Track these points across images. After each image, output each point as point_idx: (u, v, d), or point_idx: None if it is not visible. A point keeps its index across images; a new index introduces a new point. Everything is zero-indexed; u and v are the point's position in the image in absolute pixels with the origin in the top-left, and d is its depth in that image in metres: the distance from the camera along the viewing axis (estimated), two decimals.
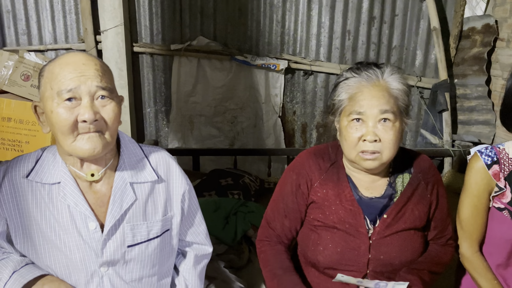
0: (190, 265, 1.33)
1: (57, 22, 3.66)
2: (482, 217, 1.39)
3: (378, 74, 1.27)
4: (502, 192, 1.34)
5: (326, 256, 1.30)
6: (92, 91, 1.05)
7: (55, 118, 1.04)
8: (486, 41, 3.28)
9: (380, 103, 1.22)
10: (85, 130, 1.04)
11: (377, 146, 1.22)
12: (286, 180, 1.39)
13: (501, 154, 1.35)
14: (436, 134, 3.44)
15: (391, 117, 1.23)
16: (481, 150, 1.38)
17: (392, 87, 1.26)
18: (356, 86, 1.27)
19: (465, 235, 1.41)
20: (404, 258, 1.30)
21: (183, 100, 3.73)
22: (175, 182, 1.25)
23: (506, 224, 1.34)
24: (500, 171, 1.34)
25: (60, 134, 1.05)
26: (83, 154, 1.06)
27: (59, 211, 1.11)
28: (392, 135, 1.22)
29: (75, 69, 1.04)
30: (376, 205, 1.31)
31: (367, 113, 1.23)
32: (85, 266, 1.12)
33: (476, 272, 1.39)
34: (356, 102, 1.25)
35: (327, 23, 3.59)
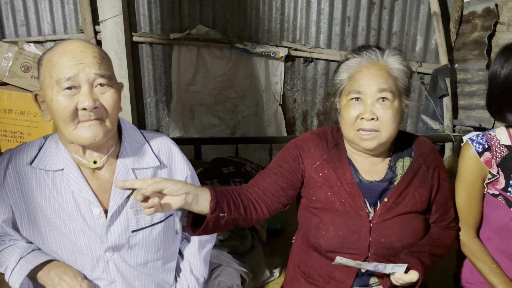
0: (195, 249, 1.35)
1: (56, 12, 3.65)
2: (477, 204, 1.40)
3: (378, 55, 1.27)
4: (496, 179, 1.35)
5: (328, 239, 1.31)
6: (91, 79, 1.05)
7: (56, 107, 1.04)
8: (486, 25, 3.27)
9: (379, 82, 1.23)
10: (86, 117, 1.05)
11: (375, 124, 1.22)
12: (286, 150, 1.38)
13: (492, 140, 1.36)
14: (436, 120, 3.44)
15: (390, 96, 1.23)
16: (472, 137, 1.38)
17: (391, 67, 1.26)
18: (356, 66, 1.27)
19: (462, 221, 1.42)
20: (405, 241, 1.31)
21: (184, 89, 3.73)
22: (177, 167, 1.26)
23: (501, 210, 1.35)
24: (492, 158, 1.34)
25: (61, 122, 1.06)
26: (84, 142, 1.07)
27: (63, 198, 1.13)
28: (390, 114, 1.23)
29: (73, 57, 1.05)
30: (376, 189, 1.32)
31: (366, 91, 1.23)
32: (90, 251, 1.14)
33: (474, 257, 1.41)
34: (355, 82, 1.26)
35: (326, 10, 3.58)
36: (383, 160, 1.35)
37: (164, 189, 1.01)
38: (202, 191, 1.10)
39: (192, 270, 1.34)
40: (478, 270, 1.41)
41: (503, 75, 1.28)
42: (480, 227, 1.43)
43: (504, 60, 1.29)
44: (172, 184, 1.01)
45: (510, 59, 1.27)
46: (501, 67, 1.29)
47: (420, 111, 3.69)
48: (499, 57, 1.32)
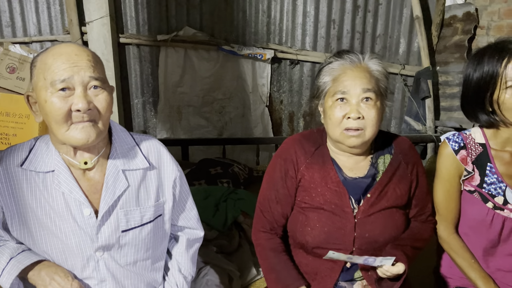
0: (183, 248, 1.38)
1: (42, 13, 3.62)
2: (455, 201, 1.45)
3: (359, 58, 1.35)
4: (471, 176, 1.41)
5: (314, 236, 1.35)
6: (85, 81, 1.08)
7: (49, 108, 1.06)
8: (467, 28, 3.36)
9: (363, 82, 1.30)
10: (79, 119, 1.07)
11: (361, 123, 1.29)
12: (274, 167, 1.44)
13: (467, 139, 1.42)
14: (419, 121, 3.52)
15: (373, 96, 1.30)
16: (449, 137, 1.44)
17: (372, 69, 1.34)
18: (340, 68, 1.34)
19: (441, 218, 1.48)
20: (387, 235, 1.36)
21: (171, 90, 3.74)
22: (166, 169, 1.29)
23: (477, 206, 1.41)
24: (467, 156, 1.40)
25: (54, 124, 1.08)
26: (77, 143, 1.09)
27: (54, 198, 1.15)
28: (374, 113, 1.29)
29: (68, 60, 1.07)
30: (360, 185, 1.37)
31: (351, 92, 1.29)
32: (81, 251, 1.16)
33: (453, 252, 1.46)
34: (340, 83, 1.32)
35: (312, 13, 3.63)
36: (365, 157, 1.41)
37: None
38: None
39: (180, 269, 1.36)
40: (457, 265, 1.47)
41: (476, 77, 1.33)
42: (458, 223, 1.49)
43: (477, 64, 1.33)
44: None
45: (482, 63, 1.32)
46: (473, 70, 1.34)
47: (404, 112, 3.77)
48: (472, 61, 1.37)
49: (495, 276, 1.44)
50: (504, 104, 1.28)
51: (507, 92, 1.26)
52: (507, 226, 1.39)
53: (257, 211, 1.48)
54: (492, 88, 1.29)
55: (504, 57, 1.26)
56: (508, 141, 1.37)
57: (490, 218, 1.39)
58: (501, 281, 1.44)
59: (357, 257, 1.23)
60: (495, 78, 1.27)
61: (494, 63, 1.28)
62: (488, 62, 1.30)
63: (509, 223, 1.39)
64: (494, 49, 1.31)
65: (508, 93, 1.26)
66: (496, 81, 1.27)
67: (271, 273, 1.37)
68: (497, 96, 1.29)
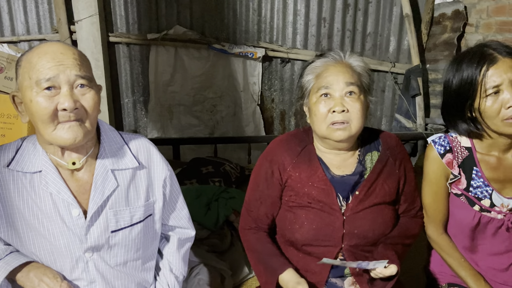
0: (174, 248, 1.37)
1: (30, 12, 3.58)
2: (443, 202, 1.45)
3: (341, 55, 1.38)
4: (458, 179, 1.40)
5: (303, 233, 1.36)
6: (71, 80, 1.06)
7: (35, 107, 1.05)
8: (456, 26, 3.38)
9: (345, 77, 1.32)
10: (66, 118, 1.06)
11: (346, 116, 1.30)
12: (260, 168, 1.45)
13: (453, 142, 1.41)
14: (410, 118, 3.54)
15: (356, 90, 1.32)
16: (434, 140, 1.43)
17: (354, 64, 1.37)
18: (322, 65, 1.36)
19: (430, 219, 1.48)
20: (376, 231, 1.37)
21: (162, 89, 3.73)
22: (156, 168, 1.28)
23: (464, 209, 1.41)
24: (453, 159, 1.39)
25: (40, 123, 1.07)
26: (64, 143, 1.07)
27: (41, 199, 1.13)
28: (358, 106, 1.31)
29: (53, 58, 1.05)
30: (348, 182, 1.38)
31: (334, 87, 1.31)
32: (69, 252, 1.15)
33: (443, 252, 1.47)
34: (323, 79, 1.34)
35: (302, 11, 3.63)
36: (352, 155, 1.41)
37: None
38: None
39: (171, 269, 1.36)
40: (447, 264, 1.48)
41: (455, 84, 1.32)
42: (447, 223, 1.50)
43: (456, 70, 1.32)
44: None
45: (460, 69, 1.30)
46: (453, 76, 1.33)
47: (394, 110, 3.79)
48: (451, 67, 1.35)
49: (486, 274, 1.45)
50: (485, 112, 1.27)
51: (487, 100, 1.25)
52: (494, 226, 1.41)
53: (243, 210, 1.49)
54: (472, 96, 1.27)
55: (482, 65, 1.25)
56: (493, 145, 1.36)
57: (476, 220, 1.40)
58: (492, 279, 1.45)
59: (351, 262, 1.23)
60: (475, 86, 1.26)
61: (473, 70, 1.26)
62: (466, 69, 1.28)
63: (495, 223, 1.40)
64: (472, 55, 1.29)
65: (488, 101, 1.25)
66: (476, 89, 1.26)
67: (259, 265, 1.38)
68: (477, 104, 1.27)
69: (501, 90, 1.23)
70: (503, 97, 1.23)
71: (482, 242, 1.44)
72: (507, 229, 1.39)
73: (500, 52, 1.25)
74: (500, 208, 1.38)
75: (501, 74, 1.22)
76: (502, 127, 1.26)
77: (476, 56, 1.27)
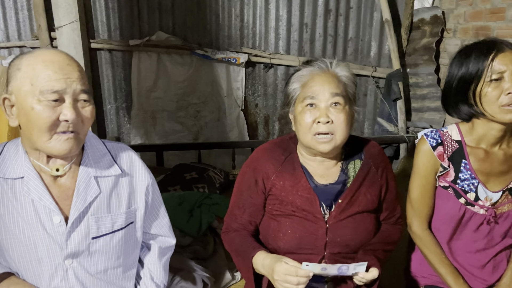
0: (155, 257, 1.37)
1: (9, 19, 3.54)
2: (430, 197, 1.50)
3: (327, 64, 1.38)
4: (446, 172, 1.46)
5: (286, 241, 1.37)
6: (76, 93, 1.08)
7: (36, 115, 1.05)
8: (434, 31, 3.45)
9: (331, 87, 1.32)
10: (64, 129, 1.07)
11: (330, 127, 1.30)
12: (244, 177, 1.46)
13: (444, 136, 1.47)
14: (391, 122, 3.59)
15: (341, 101, 1.32)
16: (427, 133, 1.49)
17: (340, 74, 1.37)
18: (308, 74, 1.36)
19: (416, 213, 1.52)
20: (359, 239, 1.38)
21: (145, 95, 3.71)
22: (138, 176, 1.28)
23: (451, 201, 1.46)
24: (444, 152, 1.45)
25: (36, 131, 1.06)
26: (58, 153, 1.09)
27: (22, 206, 1.13)
28: (343, 117, 1.31)
29: (60, 70, 1.06)
30: (331, 191, 1.39)
31: (320, 97, 1.31)
32: (49, 260, 1.14)
33: (425, 247, 1.50)
34: (309, 88, 1.34)
35: (284, 16, 3.66)
36: (336, 163, 1.42)
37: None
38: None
39: (152, 277, 1.35)
40: (428, 261, 1.51)
41: (461, 72, 1.38)
42: (432, 219, 1.53)
43: (464, 58, 1.38)
44: None
45: (469, 58, 1.36)
46: (460, 64, 1.39)
47: (377, 114, 3.84)
48: (458, 56, 1.41)
49: (465, 270, 1.49)
50: (486, 96, 1.32)
51: (491, 85, 1.31)
52: (476, 222, 1.45)
53: (226, 217, 1.50)
54: (477, 82, 1.34)
55: (491, 52, 1.31)
56: (483, 138, 1.42)
57: (461, 213, 1.44)
58: (470, 273, 1.49)
59: (331, 267, 1.23)
60: (481, 72, 1.32)
61: (482, 58, 1.32)
62: (475, 57, 1.34)
63: (477, 219, 1.44)
64: (483, 44, 1.36)
65: (491, 87, 1.31)
66: (482, 74, 1.32)
67: (238, 256, 1.39)
68: (480, 89, 1.33)
69: (503, 78, 1.30)
70: (505, 84, 1.30)
71: (463, 237, 1.48)
72: (488, 222, 1.43)
73: (507, 44, 1.33)
74: (483, 202, 1.42)
75: (507, 63, 1.29)
76: (498, 113, 1.32)
77: (486, 45, 1.35)
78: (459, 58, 1.40)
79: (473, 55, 1.35)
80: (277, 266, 1.20)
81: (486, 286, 1.49)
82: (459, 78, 1.39)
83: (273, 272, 1.21)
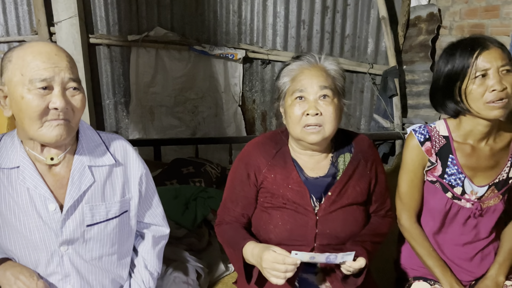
0: (149, 246, 1.40)
1: (9, 14, 3.56)
2: (418, 191, 1.53)
3: (316, 59, 1.42)
4: (434, 167, 1.48)
5: (277, 233, 1.40)
6: (65, 82, 1.11)
7: (26, 104, 1.08)
8: (430, 29, 3.47)
9: (319, 80, 1.36)
10: (54, 117, 1.10)
11: (319, 119, 1.34)
12: (236, 170, 1.49)
13: (432, 132, 1.49)
14: (387, 118, 3.61)
15: (330, 93, 1.35)
16: (415, 129, 1.52)
17: (328, 68, 1.40)
18: (298, 68, 1.40)
19: (404, 207, 1.55)
20: (348, 230, 1.42)
21: (143, 91, 3.74)
22: (132, 166, 1.32)
23: (438, 195, 1.49)
24: (431, 147, 1.47)
25: (27, 120, 1.10)
26: (50, 140, 1.12)
27: (18, 194, 1.16)
28: (332, 109, 1.35)
29: (48, 59, 1.10)
30: (321, 184, 1.42)
31: (308, 90, 1.35)
32: (45, 246, 1.17)
33: (414, 240, 1.54)
34: (298, 82, 1.37)
35: (282, 13, 3.68)
36: (326, 157, 1.45)
37: None
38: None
39: (146, 266, 1.39)
40: (416, 253, 1.54)
41: (447, 69, 1.40)
42: (420, 213, 1.56)
43: (450, 55, 1.40)
44: None
45: (454, 55, 1.39)
46: (446, 61, 1.41)
47: (373, 110, 3.86)
48: (445, 53, 1.44)
49: (452, 262, 1.52)
50: (471, 94, 1.35)
51: (475, 83, 1.33)
52: (463, 215, 1.48)
53: (220, 210, 1.53)
54: (462, 79, 1.36)
55: (476, 49, 1.33)
56: (470, 134, 1.45)
57: (448, 207, 1.47)
58: (458, 266, 1.52)
59: (319, 255, 1.26)
60: (466, 69, 1.34)
61: (467, 55, 1.35)
62: (460, 54, 1.36)
63: (464, 212, 1.47)
64: (468, 42, 1.38)
65: (476, 84, 1.33)
66: (467, 72, 1.34)
67: (229, 247, 1.42)
68: (465, 86, 1.36)
69: (488, 75, 1.32)
70: (489, 81, 1.32)
71: (450, 230, 1.51)
72: (474, 215, 1.46)
73: (492, 42, 1.35)
74: (469, 196, 1.46)
75: (491, 60, 1.31)
76: (483, 110, 1.35)
77: (472, 42, 1.37)
78: (445, 56, 1.43)
79: (458, 53, 1.37)
80: (265, 254, 1.23)
81: (473, 278, 1.53)
82: (445, 75, 1.41)
83: (261, 260, 1.24)
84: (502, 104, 1.32)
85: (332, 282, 1.40)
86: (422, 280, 1.54)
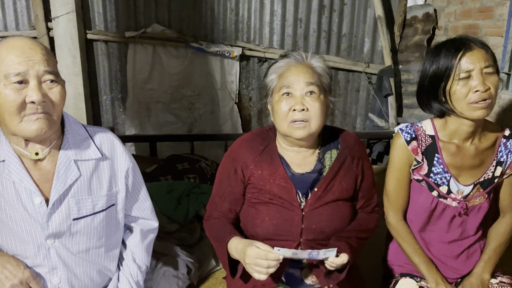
0: (137, 239, 1.42)
1: (7, 9, 3.57)
2: (404, 189, 1.55)
3: (303, 56, 1.43)
4: (420, 165, 1.50)
5: (264, 228, 1.42)
6: (40, 75, 1.11)
7: (3, 99, 1.09)
8: (426, 29, 3.49)
9: (306, 77, 1.38)
10: (33, 111, 1.10)
11: (305, 114, 1.36)
12: (224, 166, 1.51)
13: (419, 131, 1.51)
14: (382, 117, 3.63)
15: (316, 90, 1.38)
16: (402, 128, 1.53)
17: (315, 65, 1.42)
18: (285, 65, 1.42)
19: (391, 205, 1.57)
20: (333, 226, 1.43)
21: (140, 87, 3.75)
22: (119, 159, 1.33)
23: (424, 194, 1.51)
24: (418, 146, 1.49)
25: (7, 115, 1.11)
26: (30, 134, 1.12)
27: (4, 187, 1.17)
28: (318, 105, 1.37)
29: (22, 53, 1.10)
30: (307, 180, 1.44)
31: (295, 86, 1.37)
32: (31, 239, 1.19)
33: (400, 238, 1.55)
34: (285, 78, 1.39)
35: (279, 11, 3.70)
36: (312, 153, 1.47)
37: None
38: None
39: (134, 259, 1.40)
40: (403, 250, 1.56)
41: (432, 69, 1.41)
42: (407, 210, 1.58)
43: (435, 56, 1.42)
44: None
45: (439, 55, 1.40)
46: (431, 62, 1.42)
47: (369, 109, 3.88)
48: (430, 54, 1.45)
49: (438, 260, 1.54)
50: (455, 94, 1.36)
51: (459, 84, 1.34)
52: (449, 214, 1.50)
53: (208, 205, 1.55)
54: (446, 80, 1.37)
55: (459, 51, 1.35)
56: (455, 133, 1.46)
57: (434, 205, 1.49)
58: (444, 263, 1.54)
59: (302, 252, 1.27)
60: (450, 70, 1.35)
61: (450, 57, 1.36)
62: (445, 55, 1.37)
63: (450, 211, 1.49)
64: (451, 43, 1.39)
65: (459, 85, 1.34)
66: (451, 73, 1.35)
67: (215, 242, 1.44)
68: (449, 87, 1.37)
69: (471, 76, 1.33)
70: (472, 82, 1.33)
71: (436, 228, 1.53)
72: (459, 214, 1.48)
73: (475, 43, 1.36)
74: (455, 195, 1.47)
75: (475, 61, 1.33)
76: (467, 110, 1.36)
77: (455, 43, 1.38)
78: (430, 56, 1.44)
79: (442, 53, 1.38)
80: (248, 250, 1.24)
81: (459, 276, 1.55)
82: (430, 75, 1.42)
83: (245, 256, 1.25)
84: (485, 105, 1.34)
85: (318, 277, 1.42)
86: (409, 277, 1.56)
